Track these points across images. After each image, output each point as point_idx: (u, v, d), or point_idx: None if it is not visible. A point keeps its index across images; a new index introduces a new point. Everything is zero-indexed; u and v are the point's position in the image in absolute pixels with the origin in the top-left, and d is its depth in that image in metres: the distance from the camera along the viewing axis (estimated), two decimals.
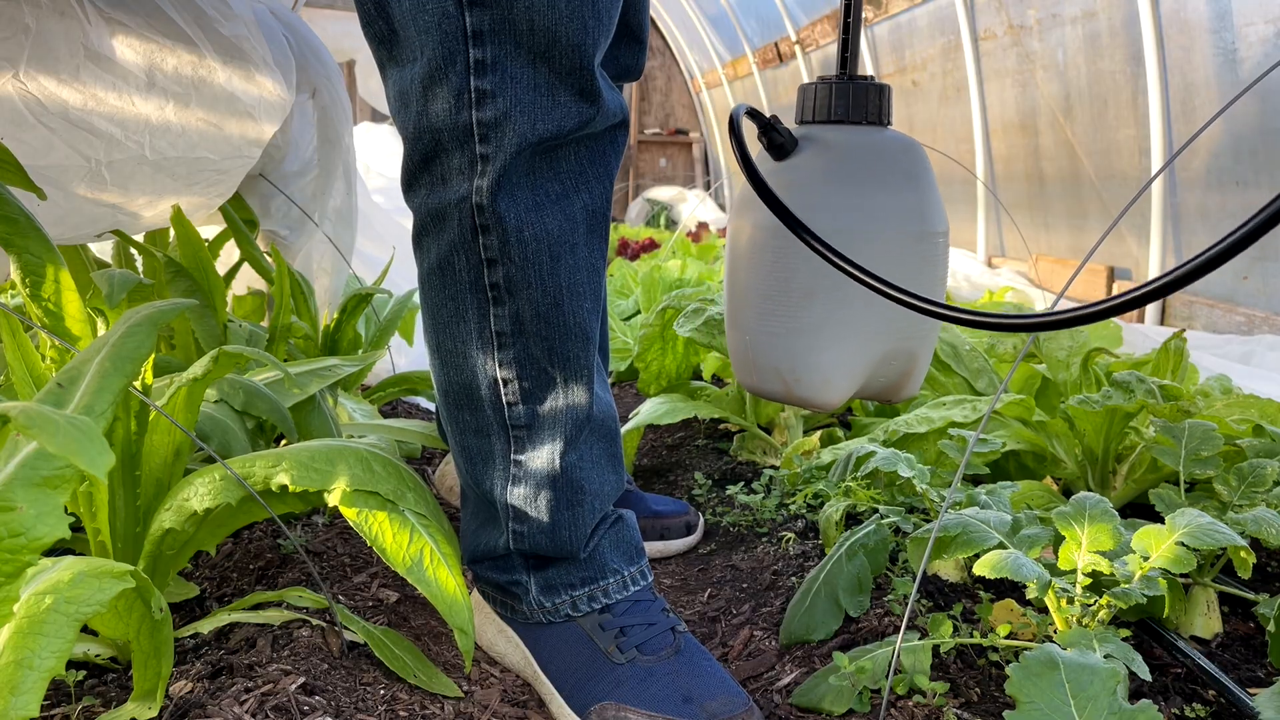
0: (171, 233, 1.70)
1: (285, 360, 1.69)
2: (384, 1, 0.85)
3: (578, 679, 0.97)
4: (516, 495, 0.98)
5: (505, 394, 0.95)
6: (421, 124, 0.86)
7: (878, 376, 0.84)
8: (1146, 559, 0.90)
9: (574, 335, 0.92)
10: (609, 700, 0.93)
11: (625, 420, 1.75)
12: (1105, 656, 0.80)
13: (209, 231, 1.95)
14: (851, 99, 0.80)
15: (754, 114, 0.85)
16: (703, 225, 6.58)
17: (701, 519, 1.47)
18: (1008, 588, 1.10)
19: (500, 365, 0.93)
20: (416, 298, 2.13)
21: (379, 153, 4.62)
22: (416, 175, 0.91)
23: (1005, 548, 0.93)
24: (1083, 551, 0.93)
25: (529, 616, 1.04)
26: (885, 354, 0.81)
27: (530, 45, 0.80)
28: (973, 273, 3.84)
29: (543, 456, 0.97)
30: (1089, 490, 1.23)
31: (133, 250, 1.69)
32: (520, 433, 0.96)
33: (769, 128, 0.84)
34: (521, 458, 0.97)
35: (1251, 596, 1.08)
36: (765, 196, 0.73)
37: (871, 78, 0.82)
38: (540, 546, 1.00)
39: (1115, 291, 3.22)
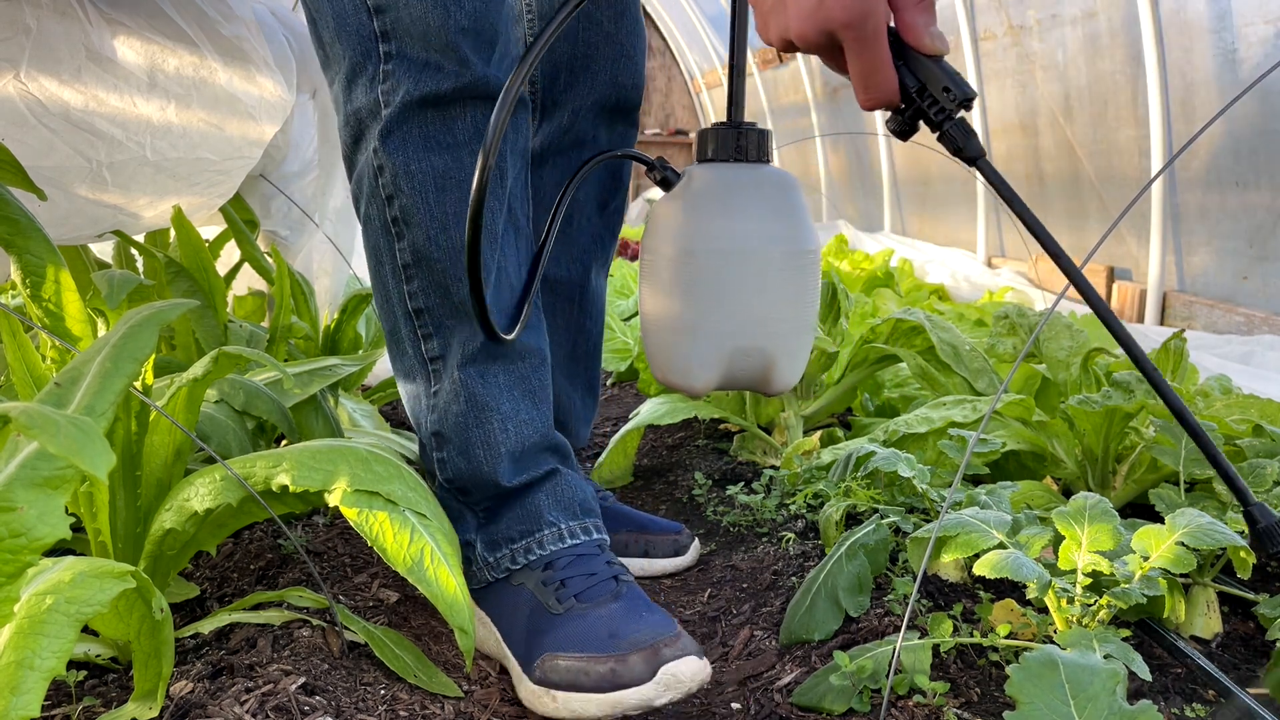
0: (172, 233, 1.71)
1: (285, 360, 1.69)
2: (318, 27, 1.02)
3: (525, 637, 1.00)
4: (433, 421, 1.07)
5: (420, 327, 1.06)
6: (348, 111, 1.02)
7: (740, 369, 0.97)
8: (1146, 559, 0.90)
9: (463, 259, 1.00)
10: (547, 651, 0.96)
11: (625, 420, 1.75)
12: (1105, 656, 0.80)
13: (209, 232, 1.96)
14: (733, 140, 0.97)
15: (638, 156, 1.07)
16: None
17: (695, 542, 1.38)
18: (1008, 588, 1.10)
19: (410, 297, 1.05)
20: None
21: None
22: (352, 159, 1.05)
23: (1005, 548, 0.93)
24: (1083, 551, 0.93)
25: (479, 579, 1.08)
26: (736, 350, 0.95)
27: (415, 33, 0.97)
28: (973, 273, 3.83)
29: (448, 377, 1.06)
30: (1089, 490, 1.23)
31: (133, 251, 1.69)
32: (436, 365, 1.07)
33: (652, 167, 1.04)
34: (436, 387, 1.07)
35: (1251, 596, 1.08)
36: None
37: (754, 124, 0.99)
38: (460, 471, 1.06)
39: (1116, 292, 3.22)
